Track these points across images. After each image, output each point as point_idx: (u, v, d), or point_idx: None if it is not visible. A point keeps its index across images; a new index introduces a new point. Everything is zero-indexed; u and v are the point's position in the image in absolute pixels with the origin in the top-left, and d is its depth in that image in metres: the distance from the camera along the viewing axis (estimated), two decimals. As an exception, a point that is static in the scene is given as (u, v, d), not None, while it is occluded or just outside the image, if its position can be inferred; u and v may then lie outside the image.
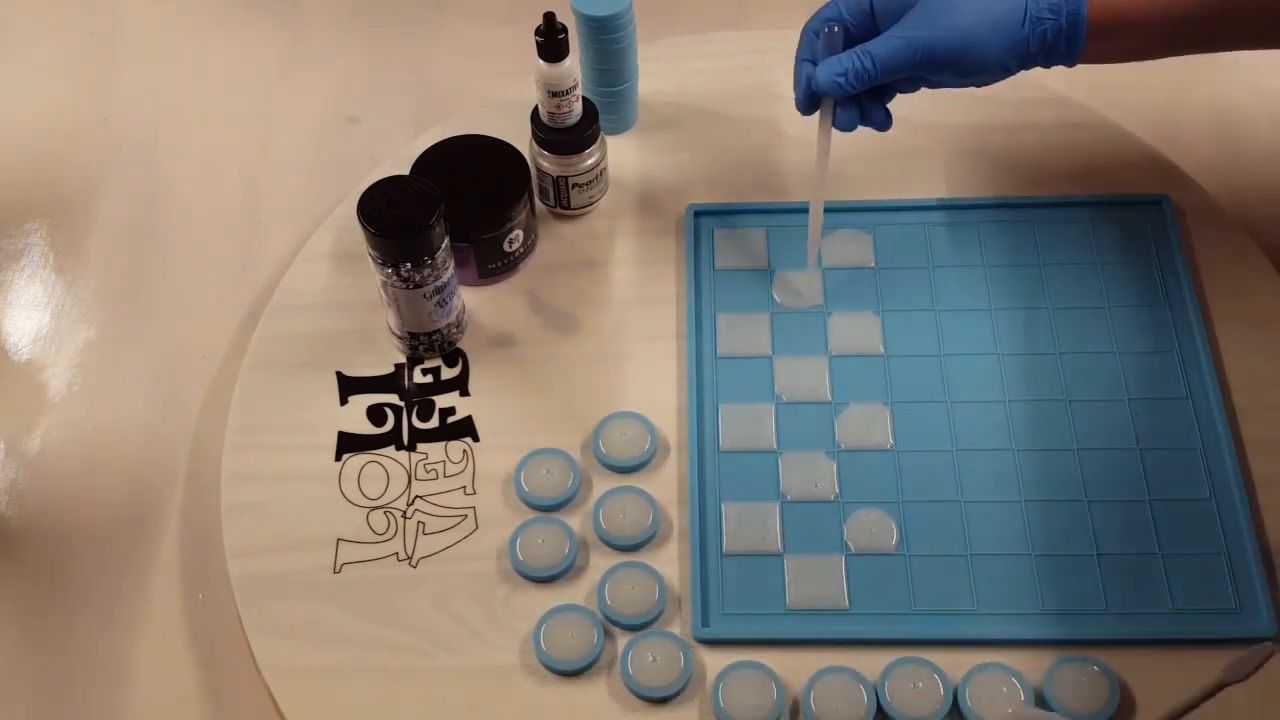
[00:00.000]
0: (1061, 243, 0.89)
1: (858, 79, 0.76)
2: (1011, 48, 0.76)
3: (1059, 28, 0.75)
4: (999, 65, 0.76)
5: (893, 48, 0.76)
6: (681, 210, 0.92)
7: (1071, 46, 0.76)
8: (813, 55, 0.79)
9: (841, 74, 0.76)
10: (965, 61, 0.76)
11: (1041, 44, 0.76)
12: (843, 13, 0.79)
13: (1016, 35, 0.75)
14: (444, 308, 0.84)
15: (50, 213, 0.98)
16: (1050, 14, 0.75)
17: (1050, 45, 0.76)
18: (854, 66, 0.76)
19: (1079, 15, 0.75)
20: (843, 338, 0.86)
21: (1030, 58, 0.77)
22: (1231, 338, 0.84)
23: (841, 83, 0.77)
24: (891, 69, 0.76)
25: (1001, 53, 0.76)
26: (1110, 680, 0.72)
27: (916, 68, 0.76)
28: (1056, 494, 0.79)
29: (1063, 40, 0.76)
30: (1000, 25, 0.75)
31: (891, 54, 0.76)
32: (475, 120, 0.94)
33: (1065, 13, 0.75)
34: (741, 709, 0.72)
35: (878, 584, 0.76)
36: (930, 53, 0.75)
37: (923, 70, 0.76)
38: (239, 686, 0.77)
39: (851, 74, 0.76)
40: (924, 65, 0.76)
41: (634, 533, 0.78)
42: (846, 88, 0.77)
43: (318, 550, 0.79)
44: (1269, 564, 0.76)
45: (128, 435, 0.87)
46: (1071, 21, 0.75)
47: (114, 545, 0.82)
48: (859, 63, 0.76)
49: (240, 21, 1.10)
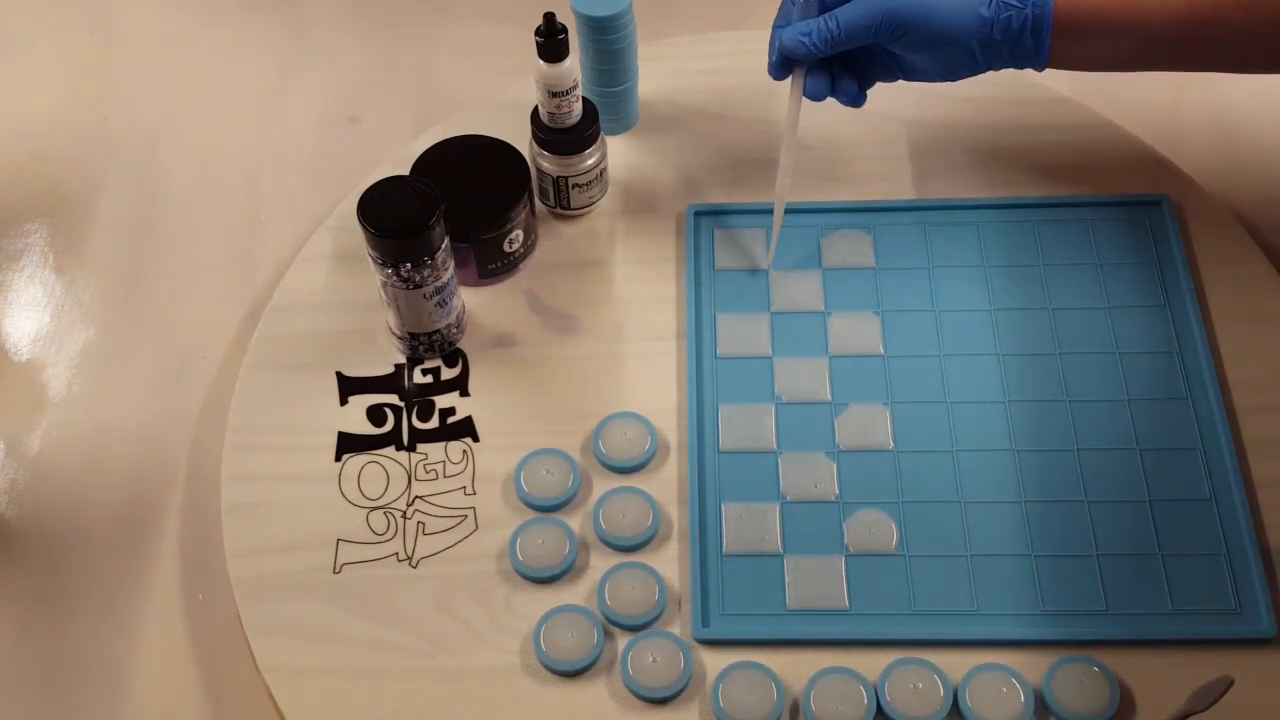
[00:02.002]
0: (1061, 243, 0.89)
1: (821, 40, 0.79)
2: (976, 26, 0.77)
3: (1024, 18, 0.77)
4: (962, 43, 0.78)
5: (856, 10, 0.78)
6: (681, 210, 0.92)
7: (1038, 42, 0.77)
8: (787, 22, 0.82)
9: (806, 33, 0.79)
10: (926, 28, 0.77)
11: (1006, 33, 0.77)
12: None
13: (980, 13, 0.77)
14: (444, 308, 0.84)
15: (50, 213, 0.98)
16: (1016, 2, 0.76)
17: (1016, 37, 0.77)
18: (819, 28, 0.79)
19: (1045, 8, 0.76)
20: (843, 338, 0.85)
21: (996, 48, 0.78)
22: (1231, 338, 0.84)
23: (805, 42, 0.79)
24: (855, 31, 0.79)
25: (964, 28, 0.77)
26: (1110, 680, 0.72)
27: (879, 33, 0.78)
28: (1056, 494, 0.79)
29: (1028, 34, 0.77)
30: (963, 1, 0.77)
31: (855, 18, 0.78)
32: (475, 120, 0.94)
33: (1031, 4, 0.76)
34: (741, 709, 0.72)
35: (878, 584, 0.76)
36: (891, 17, 0.77)
37: (885, 36, 0.78)
38: (239, 686, 0.77)
39: (816, 34, 0.79)
40: (885, 30, 0.78)
41: (634, 533, 0.78)
42: (811, 48, 0.79)
43: (318, 550, 0.79)
44: (1269, 564, 0.76)
45: (128, 435, 0.87)
46: (1037, 14, 0.76)
47: (114, 545, 0.82)
48: (824, 25, 0.79)
49: (240, 21, 1.10)
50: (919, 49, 0.79)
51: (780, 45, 0.81)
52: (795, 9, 0.81)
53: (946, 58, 0.80)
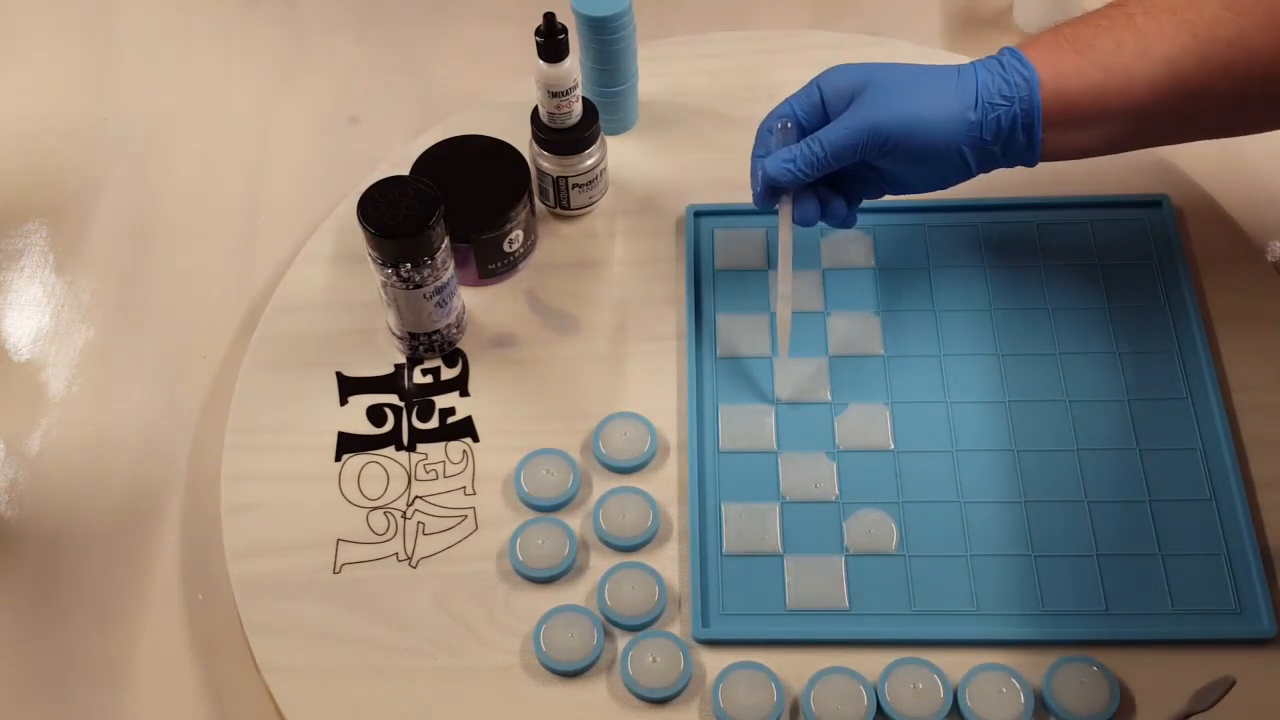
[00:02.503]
0: (1061, 243, 0.89)
1: (806, 163, 0.76)
2: (965, 132, 0.75)
3: (1013, 115, 0.74)
4: (953, 150, 0.75)
5: (840, 130, 0.76)
6: (681, 210, 0.92)
7: (1030, 137, 0.75)
8: (767, 151, 0.79)
9: (790, 160, 0.77)
10: (914, 140, 0.75)
11: (997, 133, 0.75)
12: (795, 109, 0.79)
13: (968, 118, 0.74)
14: (444, 308, 0.84)
15: (50, 213, 0.98)
16: (1004, 100, 0.74)
17: (1007, 136, 0.75)
18: (802, 153, 0.77)
19: (1034, 102, 0.74)
20: (843, 338, 0.85)
21: (988, 149, 0.76)
22: (1231, 338, 0.84)
23: (790, 169, 0.77)
24: (840, 151, 0.76)
25: (953, 135, 0.75)
26: (1110, 681, 0.72)
27: (866, 150, 0.76)
28: (1056, 494, 0.79)
29: (1020, 131, 0.75)
30: (949, 107, 0.74)
31: (839, 137, 0.76)
32: (475, 120, 0.94)
33: (1019, 99, 0.74)
34: (741, 709, 0.72)
35: (878, 584, 0.76)
36: (877, 131, 0.75)
37: (873, 153, 0.76)
38: (239, 686, 0.77)
39: (800, 159, 0.76)
40: (873, 146, 0.75)
41: (634, 533, 0.78)
42: (796, 173, 0.77)
43: (318, 550, 0.79)
44: (1269, 564, 0.76)
45: (128, 435, 0.87)
46: (1026, 109, 0.74)
47: (114, 545, 0.82)
48: (807, 149, 0.76)
49: (240, 21, 1.10)
50: (908, 162, 0.77)
51: (764, 174, 0.78)
52: (774, 137, 0.79)
53: (937, 168, 0.77)
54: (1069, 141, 0.76)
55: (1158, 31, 0.73)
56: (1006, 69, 0.75)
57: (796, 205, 0.79)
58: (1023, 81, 0.74)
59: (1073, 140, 0.76)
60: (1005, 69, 0.75)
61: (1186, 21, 0.73)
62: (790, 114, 0.79)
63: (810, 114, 0.79)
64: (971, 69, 0.76)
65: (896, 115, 0.75)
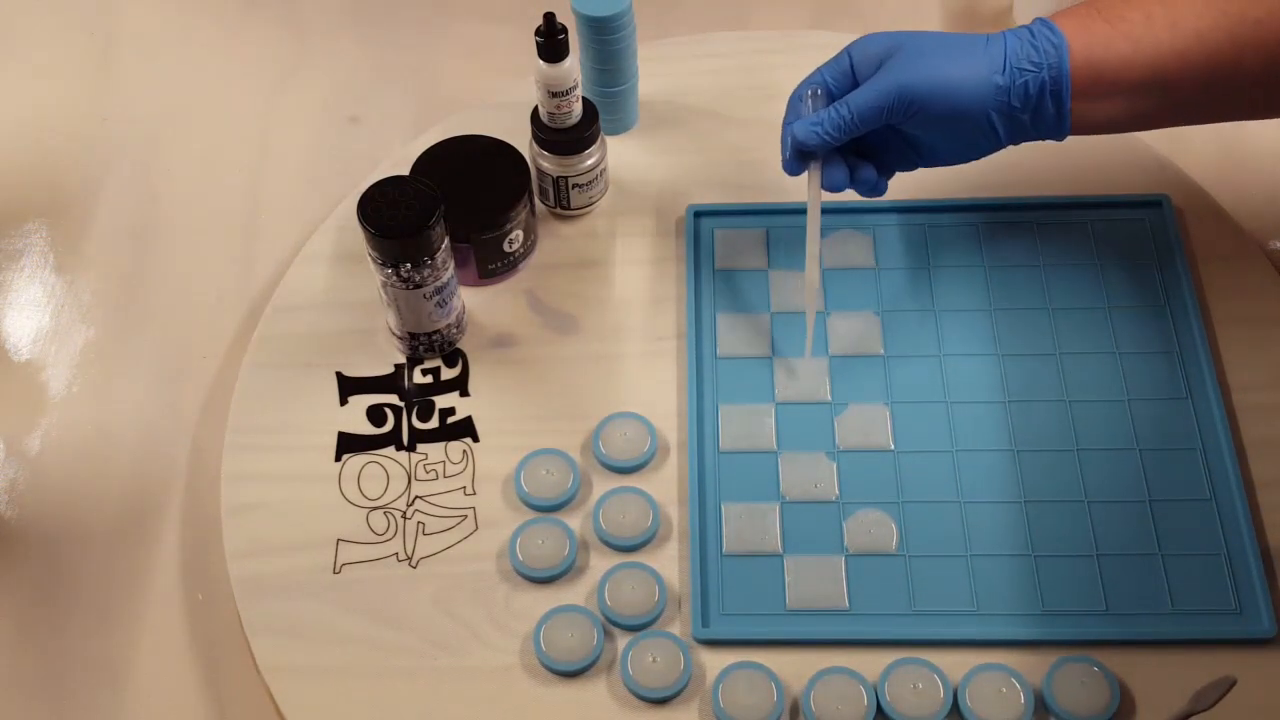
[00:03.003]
0: (1061, 243, 0.89)
1: (834, 127, 0.77)
2: (992, 96, 0.75)
3: (1041, 81, 0.74)
4: (981, 115, 0.75)
5: (867, 93, 0.76)
6: (681, 210, 0.92)
7: (1059, 106, 0.75)
8: (797, 118, 0.79)
9: (818, 123, 0.77)
10: (940, 103, 0.75)
11: (1025, 99, 0.75)
12: (825, 78, 0.79)
13: (995, 82, 0.75)
14: (444, 308, 0.84)
15: (50, 213, 0.98)
16: (1032, 66, 0.74)
17: (1036, 103, 0.75)
18: (830, 116, 0.77)
19: (1062, 69, 0.74)
20: (843, 338, 0.86)
21: (1016, 118, 0.76)
22: (1231, 338, 0.84)
23: (818, 132, 0.77)
24: (867, 115, 0.76)
25: (980, 99, 0.75)
26: (1110, 681, 0.72)
27: (893, 113, 0.76)
28: (1056, 494, 0.79)
29: (1049, 98, 0.74)
30: (976, 70, 0.75)
31: (867, 100, 0.76)
32: (475, 120, 0.94)
33: (1047, 65, 0.74)
34: (741, 709, 0.72)
35: (878, 584, 0.76)
36: (904, 93, 0.75)
37: (899, 116, 0.76)
38: (239, 686, 0.77)
39: (828, 122, 0.77)
40: (899, 109, 0.75)
41: (634, 533, 0.78)
42: (825, 136, 0.77)
43: (318, 550, 0.79)
44: (1269, 564, 0.76)
45: (128, 435, 0.87)
46: (1055, 75, 0.74)
47: (114, 545, 0.82)
48: (835, 113, 0.77)
49: (240, 21, 1.10)
50: (935, 127, 0.77)
51: (793, 138, 0.78)
52: (804, 104, 0.79)
53: (965, 133, 0.77)
54: (1097, 112, 0.76)
55: (1188, 6, 0.74)
56: (1036, 36, 0.75)
57: (825, 171, 0.80)
58: (1052, 49, 0.74)
59: (1100, 111, 0.76)
60: (1035, 36, 0.75)
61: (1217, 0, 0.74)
62: (820, 81, 0.79)
63: (840, 81, 0.79)
64: (1001, 36, 0.76)
65: (922, 77, 0.75)
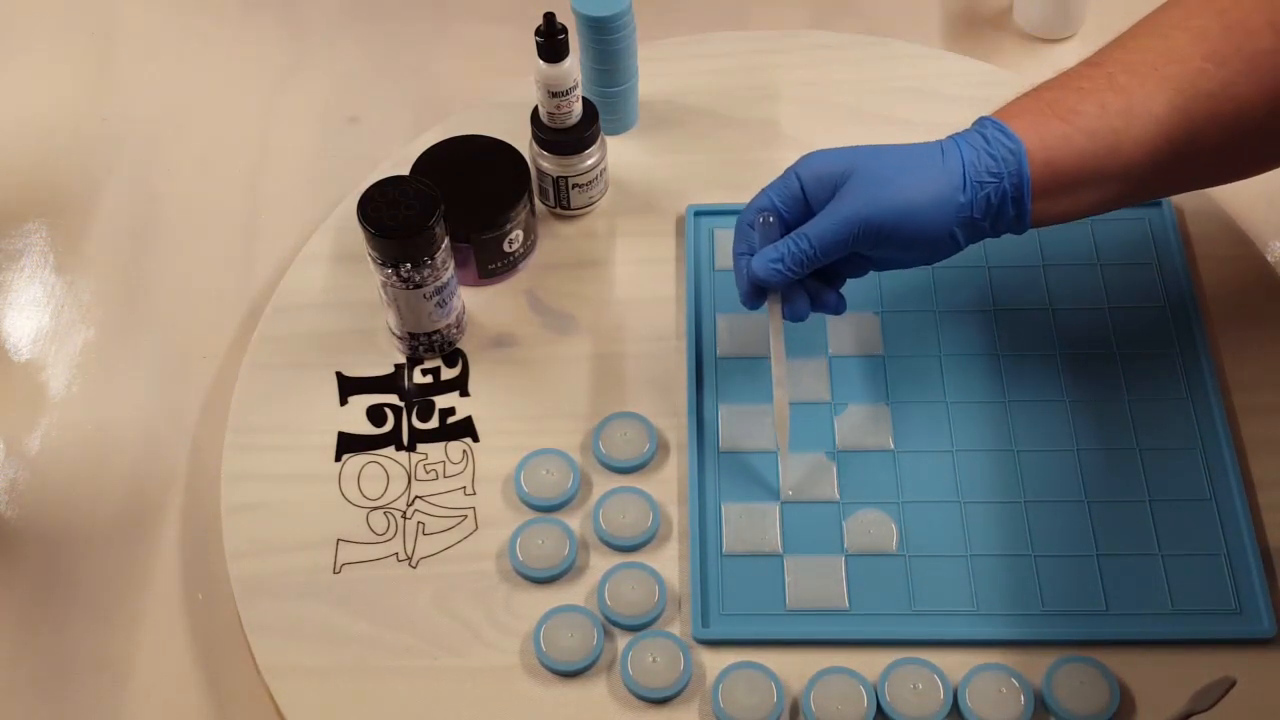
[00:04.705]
0: (1061, 243, 0.89)
1: (795, 263, 0.73)
2: (955, 214, 0.72)
3: (1002, 191, 0.72)
4: (944, 233, 0.73)
5: (828, 225, 0.73)
6: (681, 210, 0.92)
7: (1020, 210, 0.72)
8: (750, 248, 0.76)
9: (778, 259, 0.74)
10: (905, 231, 0.72)
11: (986, 209, 0.72)
12: (775, 201, 0.76)
13: (957, 200, 0.72)
14: (444, 308, 0.84)
15: (50, 213, 0.98)
16: (991, 177, 0.72)
17: (996, 211, 0.73)
18: (790, 251, 0.73)
19: (1022, 176, 0.71)
20: (843, 338, 0.86)
21: (977, 225, 0.73)
22: (1231, 338, 0.84)
23: (780, 269, 0.74)
24: (829, 247, 0.73)
25: (943, 220, 0.72)
26: (1110, 681, 0.72)
27: (856, 243, 0.73)
28: (1056, 494, 0.79)
29: (1009, 204, 0.72)
30: (939, 192, 0.72)
31: (827, 232, 0.73)
32: (475, 120, 0.94)
33: (1007, 174, 0.72)
34: (741, 709, 0.72)
35: (878, 584, 0.76)
36: (867, 224, 0.72)
37: (863, 245, 0.73)
38: (239, 686, 0.77)
39: (789, 258, 0.73)
40: (863, 239, 0.72)
41: (634, 533, 0.78)
42: (786, 273, 0.74)
43: (318, 550, 0.79)
44: (1269, 564, 0.76)
45: (127, 435, 0.87)
46: (1015, 183, 0.72)
47: (114, 545, 0.82)
48: (795, 246, 0.73)
49: (240, 21, 1.10)
50: (899, 250, 0.74)
51: (751, 275, 0.75)
52: (756, 232, 0.75)
53: (924, 248, 0.74)
54: (1057, 208, 0.74)
55: (1140, 90, 0.72)
56: (991, 143, 0.72)
57: (787, 304, 0.76)
58: (1010, 155, 0.72)
59: (1061, 206, 0.74)
60: (990, 143, 0.72)
61: (1169, 78, 0.72)
62: (770, 206, 0.75)
63: (791, 205, 0.75)
64: (955, 147, 0.73)
65: (885, 206, 0.72)
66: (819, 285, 0.77)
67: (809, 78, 0.99)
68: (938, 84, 0.98)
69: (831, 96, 0.98)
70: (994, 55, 1.03)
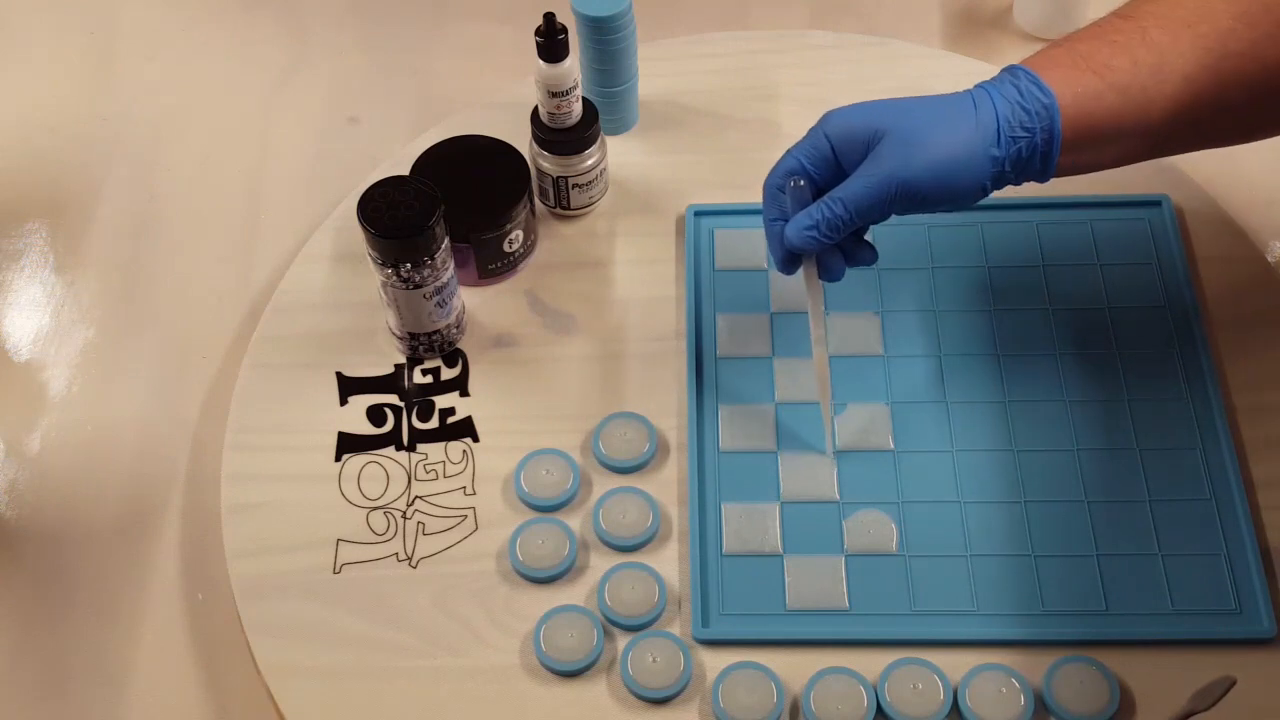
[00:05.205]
0: (1061, 243, 0.89)
1: (831, 229, 0.72)
2: (989, 168, 0.72)
3: (1034, 145, 0.71)
4: (976, 187, 0.72)
5: (864, 189, 0.71)
6: (681, 210, 0.92)
7: (1046, 163, 0.72)
8: (782, 213, 0.75)
9: (812, 226, 0.72)
10: (942, 190, 0.71)
11: (1016, 162, 0.72)
12: (804, 163, 0.74)
13: (991, 154, 0.71)
14: (444, 308, 0.84)
15: (50, 213, 0.98)
16: (1025, 132, 0.71)
17: (1025, 163, 0.72)
18: (825, 216, 0.72)
19: (1054, 131, 0.71)
20: (843, 338, 0.85)
21: (1003, 177, 0.73)
22: (1231, 338, 0.84)
23: (815, 235, 0.73)
24: (865, 211, 0.72)
25: (979, 175, 0.72)
26: (1110, 681, 0.72)
27: (893, 206, 0.72)
28: (1056, 494, 0.79)
29: (1038, 157, 0.72)
30: (974, 149, 0.71)
31: (863, 196, 0.71)
32: (475, 120, 0.94)
33: (1039, 129, 0.71)
34: (741, 709, 0.72)
35: (877, 584, 0.76)
36: (905, 186, 0.71)
37: (900, 208, 0.72)
38: (239, 686, 0.77)
39: (824, 225, 0.72)
40: (900, 201, 0.72)
41: (634, 533, 0.78)
42: (822, 239, 0.73)
43: (318, 550, 0.79)
44: (1269, 564, 0.76)
45: (127, 435, 0.87)
46: (1046, 138, 0.71)
47: (114, 545, 0.82)
48: (830, 211, 0.72)
49: (240, 21, 1.10)
50: (931, 205, 0.73)
51: (787, 243, 0.74)
52: (788, 195, 0.74)
53: (956, 204, 0.73)
54: (1081, 160, 0.74)
55: (1173, 47, 0.72)
56: (1025, 96, 0.71)
57: (822, 266, 0.76)
58: (1043, 110, 0.71)
59: (1085, 158, 0.74)
60: (1024, 96, 0.71)
61: (1200, 35, 0.72)
62: (799, 169, 0.74)
63: (821, 167, 0.74)
64: (988, 99, 0.72)
65: (923, 167, 0.71)
66: (853, 243, 0.76)
67: (809, 77, 0.99)
68: (938, 84, 0.97)
69: (831, 96, 0.97)
70: (994, 55, 1.03)
